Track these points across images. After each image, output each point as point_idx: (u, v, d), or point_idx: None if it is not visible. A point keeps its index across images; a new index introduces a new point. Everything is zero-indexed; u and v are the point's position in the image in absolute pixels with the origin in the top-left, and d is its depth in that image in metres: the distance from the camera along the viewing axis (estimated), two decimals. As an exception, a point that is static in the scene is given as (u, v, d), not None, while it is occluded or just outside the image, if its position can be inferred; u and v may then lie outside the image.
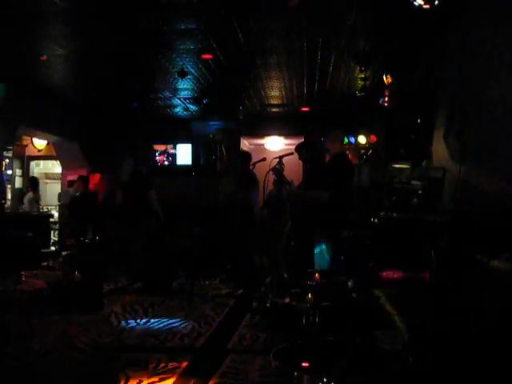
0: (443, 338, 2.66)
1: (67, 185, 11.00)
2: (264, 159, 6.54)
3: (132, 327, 5.17)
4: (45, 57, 6.86)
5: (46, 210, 11.64)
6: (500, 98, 4.34)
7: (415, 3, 4.26)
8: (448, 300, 3.37)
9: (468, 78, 5.22)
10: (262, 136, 11.94)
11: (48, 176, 13.50)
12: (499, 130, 4.34)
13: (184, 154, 11.42)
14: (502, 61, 4.32)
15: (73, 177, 10.44)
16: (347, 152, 9.57)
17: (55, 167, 12.95)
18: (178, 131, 11.40)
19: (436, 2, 4.19)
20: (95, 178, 10.78)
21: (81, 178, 9.81)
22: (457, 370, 2.41)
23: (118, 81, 8.50)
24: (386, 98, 6.86)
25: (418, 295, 3.94)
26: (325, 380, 2.09)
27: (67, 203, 9.99)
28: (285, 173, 6.15)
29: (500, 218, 3.82)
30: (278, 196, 6.28)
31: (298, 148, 6.36)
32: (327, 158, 6.17)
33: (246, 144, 12.22)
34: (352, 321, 3.55)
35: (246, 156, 8.30)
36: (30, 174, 12.44)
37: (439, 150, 6.19)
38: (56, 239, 10.85)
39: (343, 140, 5.55)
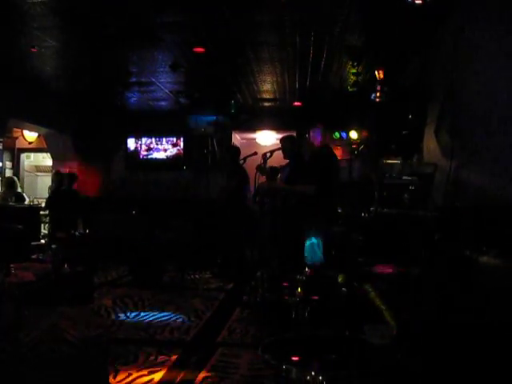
0: (432, 333, 2.68)
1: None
2: (255, 153, 6.53)
3: (122, 320, 5.17)
4: (36, 48, 6.80)
5: (36, 202, 11.56)
6: (491, 95, 4.36)
7: (408, -1, 4.26)
8: (437, 296, 3.39)
9: (460, 74, 5.24)
10: (253, 130, 11.93)
11: (39, 169, 13.41)
12: (490, 127, 4.36)
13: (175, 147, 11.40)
14: (495, 58, 4.34)
15: (63, 169, 10.35)
16: (338, 147, 9.64)
17: (46, 160, 12.86)
18: (168, 125, 11.37)
19: (428, -2, 4.20)
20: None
21: (67, 174, 9.61)
22: (445, 365, 2.43)
23: (109, 73, 8.45)
24: (378, 94, 6.84)
25: (407, 290, 3.96)
26: (313, 374, 2.10)
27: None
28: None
29: (489, 214, 3.84)
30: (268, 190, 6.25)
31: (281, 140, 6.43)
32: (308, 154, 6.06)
33: (237, 138, 12.20)
34: (341, 315, 3.56)
35: (235, 150, 8.31)
36: (21, 167, 12.35)
37: (430, 145, 6.22)
38: (46, 232, 10.78)
39: (325, 134, 5.49)
